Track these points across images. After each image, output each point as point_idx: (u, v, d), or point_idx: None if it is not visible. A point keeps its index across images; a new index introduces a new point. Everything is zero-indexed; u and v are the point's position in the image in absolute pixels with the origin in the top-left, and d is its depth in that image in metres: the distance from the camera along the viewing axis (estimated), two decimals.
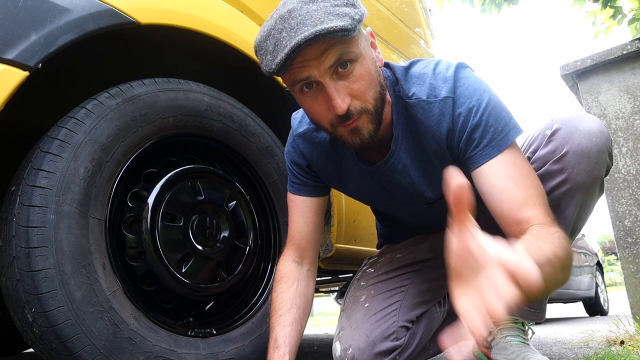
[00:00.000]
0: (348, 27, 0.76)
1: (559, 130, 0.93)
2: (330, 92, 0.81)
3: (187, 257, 1.07)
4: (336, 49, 0.79)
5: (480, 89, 0.89)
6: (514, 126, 0.88)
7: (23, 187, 0.84)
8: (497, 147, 0.86)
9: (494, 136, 0.86)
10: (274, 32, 0.79)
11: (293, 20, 0.77)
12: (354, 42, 0.82)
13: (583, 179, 0.91)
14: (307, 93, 0.85)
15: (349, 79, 0.82)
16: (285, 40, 0.77)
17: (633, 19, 3.97)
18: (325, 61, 0.80)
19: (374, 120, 0.87)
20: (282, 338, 0.95)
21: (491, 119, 0.87)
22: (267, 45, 0.81)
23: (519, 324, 1.12)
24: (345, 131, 0.87)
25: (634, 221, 2.04)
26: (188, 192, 1.11)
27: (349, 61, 0.81)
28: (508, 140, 0.86)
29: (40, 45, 0.83)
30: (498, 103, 0.89)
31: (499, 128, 0.86)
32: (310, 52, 0.78)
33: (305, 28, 0.75)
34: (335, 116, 0.84)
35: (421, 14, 2.51)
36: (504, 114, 0.88)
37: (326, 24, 0.75)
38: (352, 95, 0.83)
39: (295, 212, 1.11)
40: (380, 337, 1.07)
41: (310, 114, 0.91)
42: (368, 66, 0.85)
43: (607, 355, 1.29)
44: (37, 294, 0.79)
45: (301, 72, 0.81)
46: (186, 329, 1.04)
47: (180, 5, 1.09)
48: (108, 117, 0.95)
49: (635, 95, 2.11)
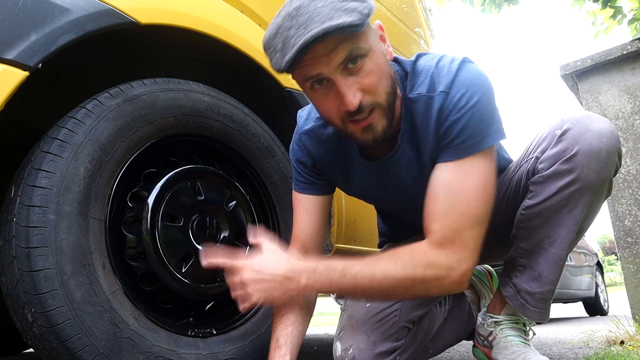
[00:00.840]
0: (357, 22, 0.76)
1: (570, 130, 0.92)
2: (341, 89, 0.81)
3: (187, 257, 1.07)
4: (346, 45, 0.79)
5: (474, 86, 0.87)
6: (492, 132, 0.87)
7: (23, 187, 0.84)
8: (465, 150, 0.87)
9: (468, 138, 0.86)
10: (282, 30, 0.79)
11: (301, 17, 0.76)
12: (364, 37, 0.81)
13: (592, 179, 0.91)
14: (317, 90, 0.85)
15: (360, 74, 0.82)
16: (294, 38, 0.76)
17: (633, 19, 3.97)
18: (335, 58, 0.79)
19: (386, 114, 0.86)
20: (284, 338, 0.95)
21: (472, 120, 0.86)
22: (275, 43, 0.80)
23: (520, 324, 1.12)
24: (357, 128, 0.86)
25: (634, 221, 2.04)
26: (188, 192, 1.11)
27: (359, 57, 0.81)
28: (480, 147, 0.86)
29: (40, 45, 0.83)
30: (487, 105, 0.87)
31: (477, 131, 0.86)
32: (319, 49, 0.78)
33: (313, 25, 0.75)
34: (347, 112, 0.83)
35: (421, 14, 2.51)
36: (488, 117, 0.87)
37: (334, 20, 0.75)
38: (363, 91, 0.82)
39: (300, 211, 1.10)
40: (381, 337, 1.07)
41: (321, 111, 0.90)
42: (378, 60, 0.84)
43: (607, 355, 1.29)
44: (37, 294, 0.79)
45: (311, 69, 0.81)
46: (186, 329, 1.04)
47: (180, 5, 1.09)
48: (108, 117, 0.95)
49: (635, 95, 2.11)
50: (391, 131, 0.91)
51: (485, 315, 1.18)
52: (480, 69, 0.91)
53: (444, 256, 0.86)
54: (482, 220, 0.88)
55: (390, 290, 0.89)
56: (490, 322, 1.15)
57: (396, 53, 2.12)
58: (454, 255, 0.86)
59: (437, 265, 0.86)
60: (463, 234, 0.86)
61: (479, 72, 0.90)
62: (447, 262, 0.86)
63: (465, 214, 0.86)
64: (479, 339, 1.20)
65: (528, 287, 1.03)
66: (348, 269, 0.89)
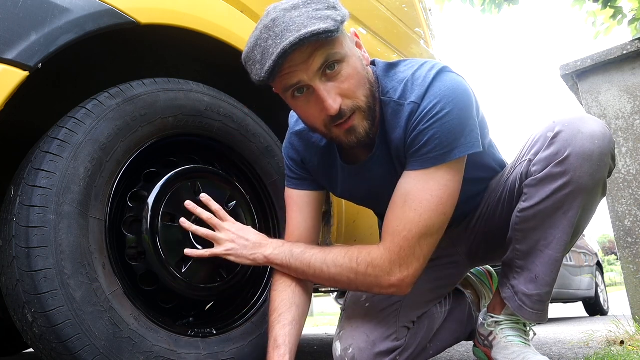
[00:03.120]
0: (331, 28, 0.78)
1: (561, 132, 0.92)
2: (322, 94, 0.83)
3: (187, 257, 1.07)
4: (322, 52, 0.81)
5: (446, 98, 0.87)
6: (461, 145, 0.88)
7: (23, 187, 0.84)
8: (430, 161, 0.88)
9: (434, 149, 0.88)
10: (260, 42, 0.82)
11: (277, 28, 0.79)
12: (339, 43, 0.84)
13: (586, 181, 0.91)
14: (298, 98, 0.87)
15: (338, 79, 0.84)
16: (272, 47, 0.79)
17: (633, 19, 3.97)
18: (313, 64, 0.81)
19: (367, 117, 0.88)
20: (282, 337, 0.95)
21: (440, 131, 0.87)
22: (254, 55, 0.83)
23: (520, 324, 1.12)
24: (341, 132, 0.88)
25: (634, 221, 2.04)
26: (188, 192, 1.11)
27: (336, 62, 0.83)
28: (446, 159, 0.88)
29: (40, 45, 0.83)
30: (458, 117, 0.87)
31: (444, 143, 0.87)
32: (297, 57, 0.80)
33: (289, 34, 0.78)
34: (329, 117, 0.85)
35: (421, 14, 2.50)
36: (459, 130, 0.87)
37: (310, 27, 0.77)
38: (343, 95, 0.84)
39: (293, 209, 1.11)
40: (381, 337, 1.07)
41: (304, 118, 0.93)
42: (355, 65, 0.86)
43: (607, 355, 1.29)
44: (37, 294, 0.79)
45: (290, 77, 0.83)
46: (186, 329, 1.04)
47: (180, 5, 1.09)
48: (108, 117, 0.95)
49: (635, 95, 2.11)
50: (373, 132, 0.93)
51: (485, 315, 1.18)
52: (460, 80, 0.91)
53: (387, 260, 0.91)
54: (434, 232, 0.91)
55: (336, 277, 0.97)
56: (491, 322, 1.15)
57: (396, 53, 2.12)
58: (397, 261, 0.91)
59: (378, 266, 0.92)
60: (411, 242, 0.90)
61: (456, 83, 0.89)
62: (389, 267, 0.91)
63: (417, 224, 0.89)
64: (479, 339, 1.20)
65: (525, 289, 1.03)
66: (308, 250, 1.01)
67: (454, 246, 1.21)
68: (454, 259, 1.22)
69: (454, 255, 1.22)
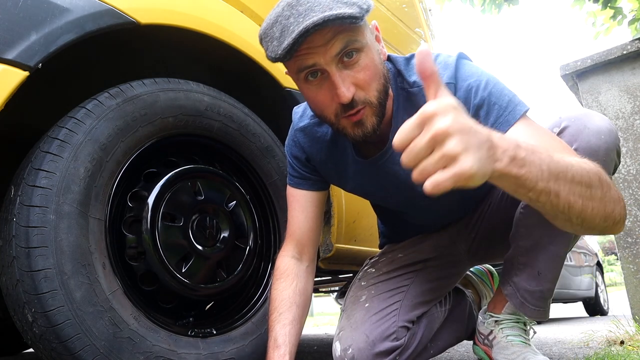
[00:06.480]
0: (356, 14, 0.76)
1: (568, 127, 0.92)
2: (336, 80, 0.81)
3: (187, 257, 1.07)
4: (343, 37, 0.79)
5: (478, 72, 0.89)
6: (519, 102, 0.85)
7: (23, 187, 0.84)
8: (506, 124, 0.83)
9: (499, 113, 0.84)
10: (281, 19, 0.79)
11: (301, 6, 0.77)
12: (361, 31, 0.82)
13: None
14: (311, 82, 0.85)
15: (354, 68, 0.82)
16: (293, 25, 0.77)
17: (633, 19, 3.97)
18: (332, 49, 0.79)
19: (377, 113, 0.86)
20: (282, 337, 0.95)
21: (493, 96, 0.86)
22: (273, 32, 0.81)
23: (520, 324, 1.12)
24: (349, 123, 0.86)
25: (634, 221, 2.04)
26: (188, 192, 1.11)
27: (354, 50, 0.81)
28: (516, 115, 0.83)
29: (40, 45, 0.83)
30: (498, 83, 0.88)
31: (503, 105, 0.85)
32: (317, 39, 0.78)
33: (313, 14, 0.75)
34: (340, 105, 0.83)
35: (421, 14, 2.51)
36: (507, 91, 0.87)
37: (335, 10, 0.75)
38: (356, 85, 0.83)
39: (295, 207, 1.11)
40: (380, 337, 1.07)
41: (314, 104, 0.90)
42: (373, 57, 0.85)
43: (607, 355, 1.29)
44: (37, 294, 0.79)
45: (307, 59, 0.81)
46: (186, 329, 1.04)
47: (180, 5, 1.09)
48: (108, 117, 0.95)
49: (635, 95, 2.11)
50: (382, 129, 0.91)
51: (485, 313, 1.18)
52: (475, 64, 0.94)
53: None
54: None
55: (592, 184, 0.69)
56: (491, 321, 1.15)
57: (396, 53, 2.12)
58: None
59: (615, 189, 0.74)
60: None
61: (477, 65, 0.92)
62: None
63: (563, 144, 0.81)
64: (479, 337, 1.20)
65: (527, 286, 1.03)
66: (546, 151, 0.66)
67: (455, 245, 1.21)
68: (454, 258, 1.22)
69: (454, 254, 1.22)
